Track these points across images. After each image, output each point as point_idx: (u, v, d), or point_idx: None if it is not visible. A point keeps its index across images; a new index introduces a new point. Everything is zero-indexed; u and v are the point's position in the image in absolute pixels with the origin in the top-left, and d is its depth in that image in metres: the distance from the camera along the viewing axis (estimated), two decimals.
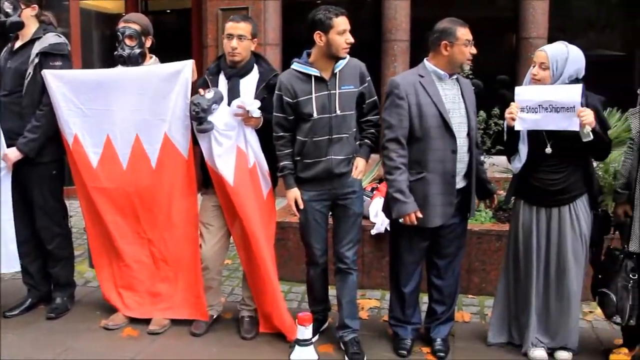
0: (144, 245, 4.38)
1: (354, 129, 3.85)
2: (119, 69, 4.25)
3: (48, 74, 4.18)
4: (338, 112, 3.73)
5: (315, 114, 3.71)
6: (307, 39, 3.75)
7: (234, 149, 3.97)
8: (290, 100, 3.73)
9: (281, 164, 3.85)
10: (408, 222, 3.62)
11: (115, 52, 4.21)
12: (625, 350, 3.82)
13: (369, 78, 3.88)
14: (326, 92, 3.72)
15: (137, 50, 4.18)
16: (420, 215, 3.62)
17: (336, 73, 3.74)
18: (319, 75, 3.72)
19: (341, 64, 3.76)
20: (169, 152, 4.16)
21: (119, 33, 4.19)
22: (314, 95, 3.71)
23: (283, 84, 3.76)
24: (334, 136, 3.76)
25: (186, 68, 4.03)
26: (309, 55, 3.78)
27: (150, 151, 4.20)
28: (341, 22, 3.64)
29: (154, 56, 4.36)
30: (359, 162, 3.86)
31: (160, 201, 4.26)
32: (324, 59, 3.71)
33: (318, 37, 3.66)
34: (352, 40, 3.69)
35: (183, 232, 4.28)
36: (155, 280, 4.40)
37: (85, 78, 4.28)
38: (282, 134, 3.83)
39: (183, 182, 4.23)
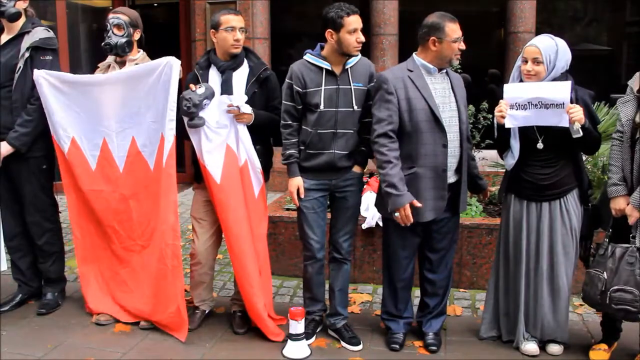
0: (139, 252, 4.29)
1: (359, 126, 3.88)
2: (109, 74, 4.22)
3: (41, 79, 4.15)
4: (346, 107, 3.77)
5: (322, 106, 3.75)
6: (296, 33, 3.77)
7: (223, 146, 3.95)
8: (300, 90, 3.76)
9: (287, 152, 3.86)
10: (403, 215, 3.59)
11: (103, 42, 4.19)
12: (605, 346, 3.85)
13: (376, 80, 3.88)
14: (335, 87, 3.77)
15: (124, 39, 4.16)
16: (418, 204, 3.61)
17: (347, 69, 3.80)
18: (329, 68, 3.76)
19: (352, 60, 3.81)
20: (160, 156, 4.07)
21: (107, 23, 4.18)
22: (323, 87, 3.75)
23: (295, 72, 3.79)
24: (338, 130, 3.80)
25: (174, 65, 3.95)
26: (322, 48, 3.82)
27: (146, 154, 4.15)
28: (352, 21, 3.67)
29: (142, 51, 4.33)
30: (356, 170, 3.94)
31: (149, 207, 4.18)
32: (336, 55, 3.76)
33: (329, 35, 3.71)
34: (363, 39, 3.74)
35: (159, 250, 4.11)
36: (143, 288, 4.29)
37: (77, 80, 4.24)
38: (290, 122, 3.84)
39: (159, 194, 4.09)
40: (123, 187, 4.25)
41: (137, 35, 4.26)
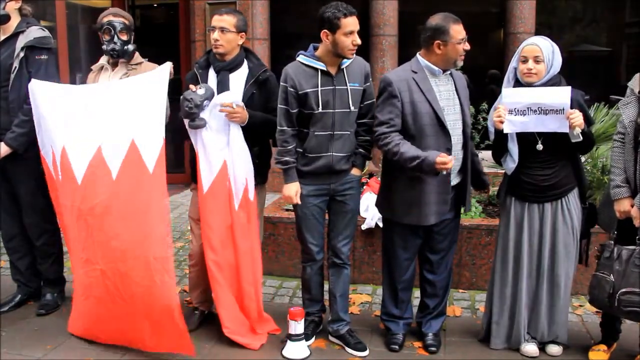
0: (99, 278, 3.85)
1: (355, 127, 3.84)
2: (100, 85, 4.13)
3: (35, 88, 4.06)
4: (343, 108, 3.72)
5: (320, 108, 3.68)
6: (296, 33, 3.73)
7: (220, 161, 3.88)
8: (295, 92, 3.68)
9: (284, 158, 3.75)
10: (442, 166, 3.43)
11: (106, 46, 4.13)
12: (604, 347, 3.85)
13: (371, 80, 3.87)
14: (331, 87, 3.70)
15: (131, 47, 4.16)
16: (447, 157, 3.47)
17: (343, 69, 3.73)
18: (325, 69, 3.69)
19: (348, 60, 3.73)
20: (132, 162, 3.73)
21: (109, 26, 4.13)
22: (319, 89, 3.68)
23: (289, 75, 3.70)
24: (335, 132, 3.74)
25: (163, 72, 3.83)
26: (315, 48, 3.74)
27: (110, 160, 3.80)
28: (349, 23, 3.59)
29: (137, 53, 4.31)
30: (355, 172, 3.88)
31: (120, 221, 3.72)
32: (330, 56, 3.68)
33: (324, 36, 3.63)
34: (359, 42, 3.65)
35: (145, 265, 3.64)
36: (118, 313, 3.87)
37: (71, 91, 4.08)
38: (285, 127, 3.73)
39: (145, 202, 3.68)
40: (80, 202, 3.86)
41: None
